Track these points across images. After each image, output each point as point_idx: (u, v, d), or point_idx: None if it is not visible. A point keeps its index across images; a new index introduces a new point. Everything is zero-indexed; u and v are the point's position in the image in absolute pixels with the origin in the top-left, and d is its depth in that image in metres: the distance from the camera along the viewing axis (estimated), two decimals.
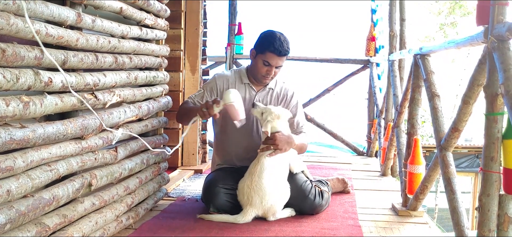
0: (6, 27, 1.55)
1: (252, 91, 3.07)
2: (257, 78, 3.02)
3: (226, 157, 3.14)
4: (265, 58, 2.92)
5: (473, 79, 2.09)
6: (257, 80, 3.05)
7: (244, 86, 3.07)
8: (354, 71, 5.88)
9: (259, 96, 3.07)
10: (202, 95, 3.03)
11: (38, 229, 1.79)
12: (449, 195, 2.32)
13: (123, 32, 2.50)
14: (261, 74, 2.97)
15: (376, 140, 5.16)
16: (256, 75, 3.01)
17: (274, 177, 2.80)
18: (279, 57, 2.91)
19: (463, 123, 2.26)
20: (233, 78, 3.08)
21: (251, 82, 3.08)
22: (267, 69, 2.94)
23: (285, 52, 2.91)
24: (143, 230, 2.62)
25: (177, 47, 4.29)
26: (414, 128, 3.09)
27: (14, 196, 1.64)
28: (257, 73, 2.99)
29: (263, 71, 2.95)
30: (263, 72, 2.96)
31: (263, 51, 2.92)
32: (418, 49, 2.99)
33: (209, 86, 3.06)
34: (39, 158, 1.79)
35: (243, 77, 3.08)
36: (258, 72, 2.98)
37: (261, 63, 2.94)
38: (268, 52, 2.90)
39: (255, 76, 3.03)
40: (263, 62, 2.93)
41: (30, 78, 1.69)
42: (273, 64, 2.93)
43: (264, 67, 2.94)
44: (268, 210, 2.78)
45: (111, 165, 2.40)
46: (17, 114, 1.63)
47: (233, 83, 3.05)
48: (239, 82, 3.07)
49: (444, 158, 2.42)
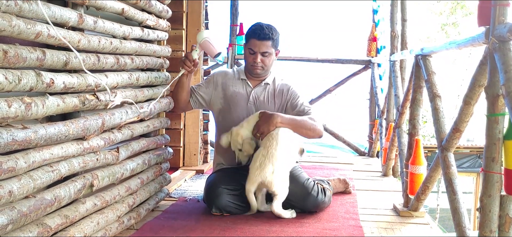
0: (8, 29, 1.55)
1: (248, 87, 3.15)
2: (249, 70, 3.12)
3: (227, 157, 3.15)
4: (249, 45, 3.05)
5: (474, 80, 2.09)
6: (250, 73, 3.14)
7: (241, 82, 3.16)
8: (356, 71, 5.89)
9: (255, 91, 3.12)
10: (200, 84, 3.20)
11: (39, 230, 1.79)
12: (451, 195, 2.32)
13: (124, 33, 2.50)
14: (249, 63, 3.08)
15: (377, 140, 5.16)
16: (247, 66, 3.12)
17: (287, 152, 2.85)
18: (260, 41, 3.00)
19: (464, 123, 2.26)
20: (231, 74, 3.20)
21: (248, 79, 3.15)
22: (253, 57, 3.04)
23: (265, 35, 2.99)
24: (145, 231, 2.63)
25: (178, 47, 4.29)
26: (416, 129, 3.10)
27: (16, 197, 1.64)
28: (247, 64, 3.12)
29: (250, 59, 3.07)
30: (250, 61, 3.07)
31: (247, 40, 3.08)
32: (419, 49, 2.99)
33: (208, 79, 3.23)
34: (41, 158, 1.79)
35: (241, 73, 3.18)
36: (247, 63, 3.11)
37: (247, 52, 3.07)
38: (250, 39, 3.04)
39: (248, 69, 3.13)
40: (248, 51, 3.06)
41: (32, 79, 1.69)
42: (256, 50, 3.02)
43: (250, 55, 3.06)
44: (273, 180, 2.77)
45: (112, 165, 2.41)
46: (19, 115, 1.63)
47: (231, 78, 3.16)
48: (237, 78, 3.17)
49: (445, 159, 2.42)
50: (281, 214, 2.84)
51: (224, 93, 3.14)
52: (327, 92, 5.99)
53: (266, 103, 3.11)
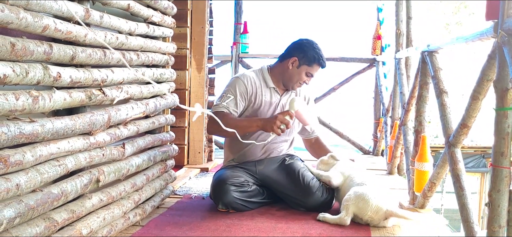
0: (16, 21, 1.55)
1: (277, 95, 3.09)
2: (291, 85, 3.04)
3: (239, 155, 3.13)
4: (311, 70, 2.98)
5: (482, 74, 2.07)
6: (288, 86, 3.06)
7: (269, 90, 3.07)
8: (360, 70, 5.87)
9: (283, 99, 3.08)
10: (235, 101, 2.96)
11: (46, 224, 1.79)
12: (458, 191, 2.31)
13: (130, 29, 2.50)
14: (299, 83, 3.02)
15: (382, 138, 5.15)
16: (292, 82, 3.02)
17: None
18: (322, 69, 3.02)
19: (472, 119, 2.25)
20: (259, 82, 3.05)
21: (276, 86, 3.08)
22: (307, 79, 3.01)
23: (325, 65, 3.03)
24: (150, 227, 2.62)
25: (183, 45, 4.29)
26: (422, 126, 3.08)
27: (23, 191, 1.64)
28: (295, 81, 3.01)
29: (302, 80, 3.00)
30: (302, 81, 3.01)
31: (311, 64, 2.96)
32: (425, 46, 2.97)
33: (238, 90, 2.97)
34: (48, 153, 1.79)
35: (268, 80, 3.07)
36: (296, 81, 3.01)
37: (304, 74, 2.99)
38: (316, 64, 2.97)
39: (287, 82, 3.03)
40: (306, 73, 2.98)
41: (39, 73, 1.69)
42: (314, 75, 3.00)
43: (307, 77, 3.00)
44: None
45: (118, 161, 2.41)
46: (26, 109, 1.63)
47: (259, 87, 3.04)
48: (265, 85, 3.06)
49: (452, 155, 2.41)
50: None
51: (254, 102, 3.03)
52: (331, 90, 5.97)
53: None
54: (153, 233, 2.53)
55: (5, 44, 1.52)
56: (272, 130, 2.74)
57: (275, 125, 2.72)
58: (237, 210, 2.90)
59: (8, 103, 1.54)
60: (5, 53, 1.53)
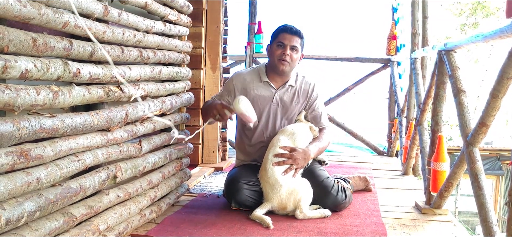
0: (38, 17, 1.57)
1: (271, 89, 3.07)
2: (275, 66, 3.02)
3: (248, 154, 3.15)
4: (279, 39, 3.00)
5: (502, 72, 2.05)
6: (275, 71, 3.04)
7: (263, 84, 3.07)
8: (375, 70, 5.84)
9: (278, 94, 3.06)
10: (221, 96, 3.09)
11: (65, 219, 1.81)
12: (476, 191, 2.28)
13: (147, 27, 2.52)
14: (277, 57, 2.99)
15: (397, 139, 5.11)
16: (274, 63, 3.02)
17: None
18: (291, 34, 2.98)
19: (491, 118, 2.22)
20: (250, 78, 3.08)
21: (271, 80, 3.07)
22: (282, 50, 2.98)
23: (296, 31, 3.00)
24: (166, 225, 2.63)
25: (198, 44, 4.30)
26: (438, 125, 3.05)
27: (43, 184, 1.66)
28: (275, 61, 3.01)
29: (278, 53, 2.99)
30: (278, 54, 2.99)
31: (276, 35, 3.03)
32: (443, 44, 2.95)
33: (228, 87, 3.10)
34: (67, 148, 1.80)
35: (262, 75, 3.08)
36: (274, 57, 3.01)
37: (275, 47, 3.01)
38: (281, 33, 3.01)
39: (273, 66, 3.04)
40: (276, 45, 3.00)
41: (59, 68, 1.71)
42: (286, 43, 2.97)
43: (279, 49, 2.99)
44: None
45: (135, 158, 2.42)
46: (47, 103, 1.65)
47: (251, 82, 3.06)
48: (258, 81, 3.07)
49: (471, 154, 2.38)
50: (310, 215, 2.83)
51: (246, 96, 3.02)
52: (346, 90, 5.95)
53: (290, 104, 3.08)
54: (168, 230, 2.54)
55: (27, 39, 1.54)
56: (211, 116, 2.83)
57: (212, 113, 2.82)
58: (251, 208, 2.90)
59: (30, 98, 1.56)
60: (27, 48, 1.54)
